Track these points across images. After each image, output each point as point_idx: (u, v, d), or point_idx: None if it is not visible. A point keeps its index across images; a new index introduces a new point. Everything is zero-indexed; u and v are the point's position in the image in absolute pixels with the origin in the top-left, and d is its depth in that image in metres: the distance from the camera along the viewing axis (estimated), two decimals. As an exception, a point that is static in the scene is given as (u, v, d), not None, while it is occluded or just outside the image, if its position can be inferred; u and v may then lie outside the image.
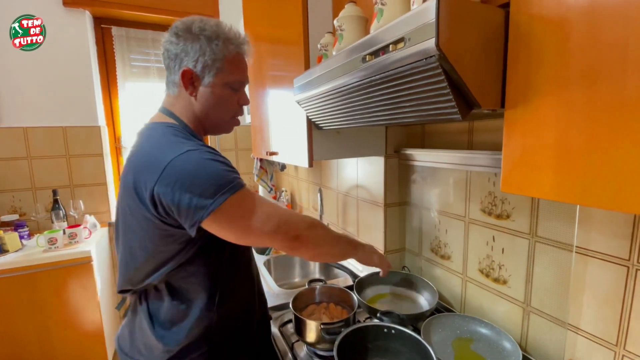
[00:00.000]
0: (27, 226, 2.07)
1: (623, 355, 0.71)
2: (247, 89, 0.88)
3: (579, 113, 0.44)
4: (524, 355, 0.84)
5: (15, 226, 2.02)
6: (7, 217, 2.06)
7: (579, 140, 0.44)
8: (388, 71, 0.58)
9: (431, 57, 0.48)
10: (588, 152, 0.44)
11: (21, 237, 1.95)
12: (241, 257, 0.86)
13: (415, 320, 1.01)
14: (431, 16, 0.46)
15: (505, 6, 0.52)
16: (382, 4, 0.65)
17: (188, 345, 0.76)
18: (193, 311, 0.76)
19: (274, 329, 1.09)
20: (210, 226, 0.68)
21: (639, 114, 0.38)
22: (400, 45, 0.53)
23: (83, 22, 2.22)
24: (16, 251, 1.85)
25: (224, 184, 0.66)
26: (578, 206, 0.76)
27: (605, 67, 0.41)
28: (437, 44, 0.46)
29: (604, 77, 0.41)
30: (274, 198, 2.52)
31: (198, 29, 0.74)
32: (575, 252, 0.78)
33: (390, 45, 0.55)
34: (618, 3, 0.39)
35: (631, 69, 0.39)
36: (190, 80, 0.76)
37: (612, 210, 0.42)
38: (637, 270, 0.68)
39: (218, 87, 0.77)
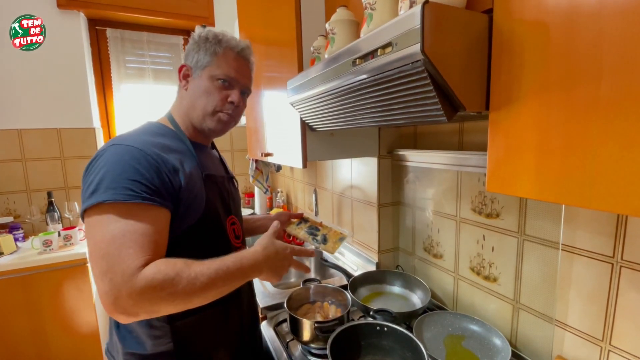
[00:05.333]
0: (22, 228, 2.07)
1: (609, 351, 0.73)
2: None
3: (558, 115, 0.46)
4: (513, 351, 0.86)
5: (10, 228, 2.01)
6: (1, 220, 2.05)
7: (558, 141, 0.46)
8: (377, 74, 0.60)
9: (417, 61, 0.50)
10: (566, 153, 0.45)
11: (16, 240, 1.95)
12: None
13: (408, 318, 1.03)
14: (416, 22, 0.48)
15: (489, 12, 0.54)
16: (372, 9, 0.67)
17: (150, 354, 0.74)
18: (146, 320, 0.73)
19: (269, 329, 1.10)
20: None
21: (612, 116, 0.40)
22: (388, 49, 0.54)
23: (77, 24, 2.22)
24: (11, 253, 1.84)
25: (105, 186, 0.61)
26: (563, 205, 0.78)
27: (582, 71, 0.43)
28: (422, 49, 0.48)
29: (580, 81, 0.43)
30: (270, 199, 2.53)
31: (205, 38, 0.82)
32: (562, 249, 0.80)
33: (379, 50, 0.56)
34: (593, 11, 0.41)
35: (605, 74, 0.40)
36: (184, 75, 0.84)
37: (589, 208, 0.44)
38: (621, 267, 0.70)
39: (204, 78, 0.82)
